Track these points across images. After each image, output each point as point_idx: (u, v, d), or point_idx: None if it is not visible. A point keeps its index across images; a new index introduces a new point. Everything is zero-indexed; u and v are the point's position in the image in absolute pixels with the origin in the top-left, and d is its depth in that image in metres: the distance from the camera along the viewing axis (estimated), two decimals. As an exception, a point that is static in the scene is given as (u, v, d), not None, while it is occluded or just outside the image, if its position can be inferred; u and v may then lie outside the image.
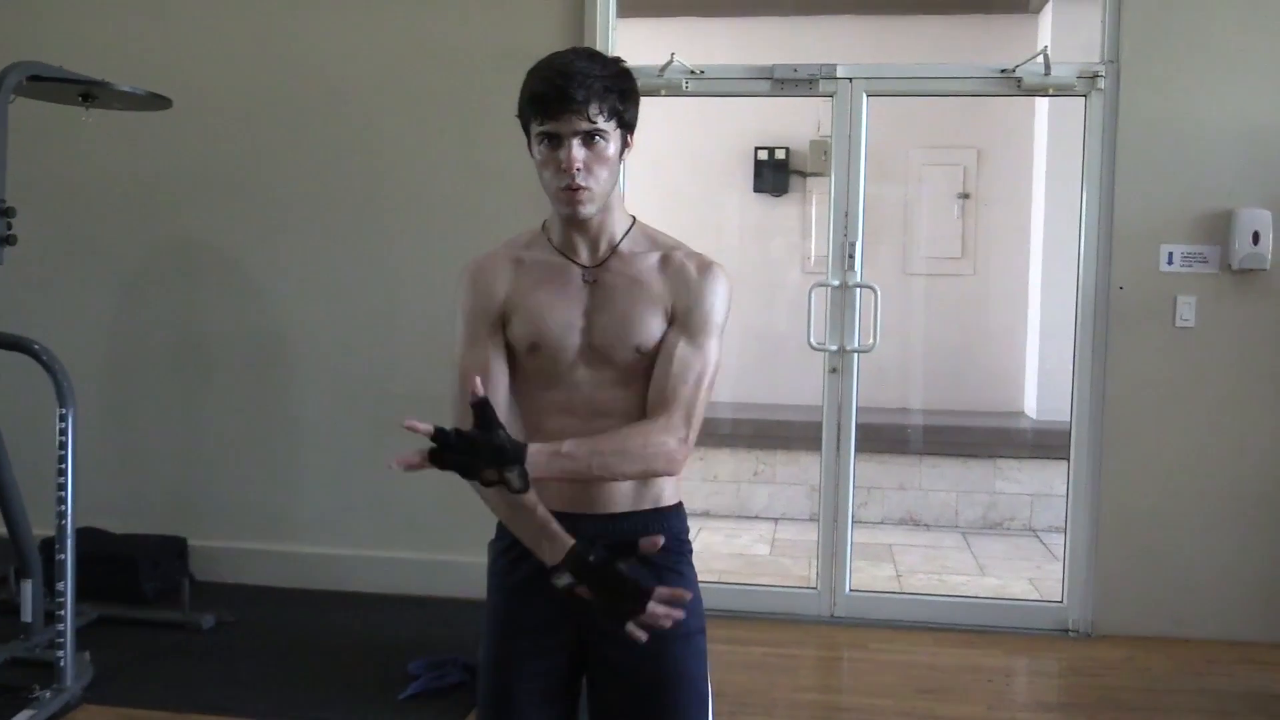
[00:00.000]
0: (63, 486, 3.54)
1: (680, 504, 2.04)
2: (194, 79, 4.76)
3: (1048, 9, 6.84)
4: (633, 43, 4.86)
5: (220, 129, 4.87)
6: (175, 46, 4.86)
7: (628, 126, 1.92)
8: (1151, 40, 4.38)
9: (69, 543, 3.54)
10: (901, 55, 6.12)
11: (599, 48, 4.53)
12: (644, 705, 1.97)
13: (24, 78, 3.77)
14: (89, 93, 3.99)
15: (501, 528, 2.07)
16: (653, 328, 1.94)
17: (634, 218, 2.02)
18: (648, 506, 1.98)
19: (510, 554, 2.03)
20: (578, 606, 1.87)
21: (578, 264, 1.96)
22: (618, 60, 1.93)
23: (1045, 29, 6.78)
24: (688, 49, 4.66)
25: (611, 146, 1.88)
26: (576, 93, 1.82)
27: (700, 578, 2.09)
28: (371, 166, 4.80)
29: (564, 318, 1.93)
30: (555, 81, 1.83)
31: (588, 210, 1.89)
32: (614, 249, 1.96)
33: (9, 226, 3.74)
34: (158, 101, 4.17)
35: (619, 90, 1.88)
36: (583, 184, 1.86)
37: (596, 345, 1.93)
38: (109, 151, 4.91)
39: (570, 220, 1.92)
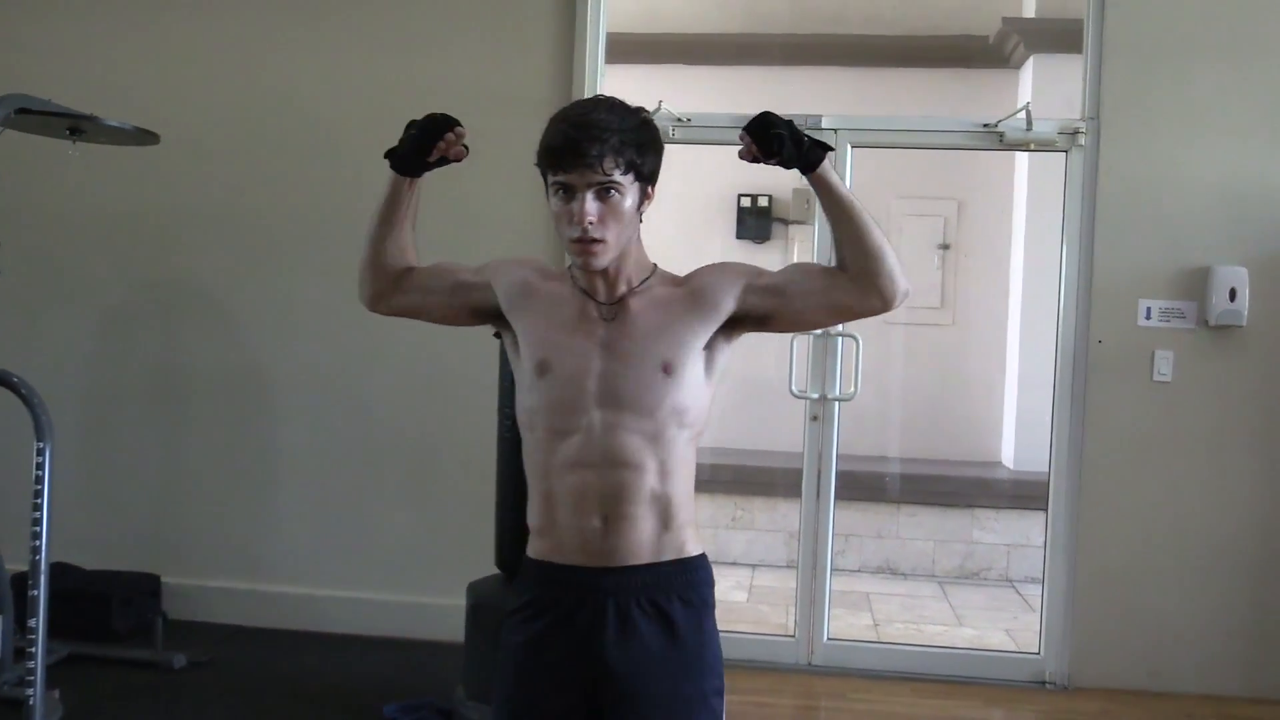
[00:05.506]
0: (38, 522, 3.49)
1: (704, 555, 1.99)
2: (182, 115, 4.77)
3: (1028, 65, 6.94)
4: (621, 89, 4.87)
5: (207, 165, 4.88)
6: (163, 83, 4.88)
7: (647, 179, 1.92)
8: (1132, 98, 4.45)
9: (43, 579, 3.49)
10: (884, 107, 6.19)
11: (586, 94, 4.58)
12: None
13: (12, 110, 3.77)
14: (77, 127, 3.99)
15: (519, 586, 2.02)
16: (685, 338, 1.93)
17: (655, 265, 2.02)
18: (669, 557, 1.93)
19: (525, 611, 1.97)
20: (594, 663, 1.89)
21: (595, 300, 1.96)
22: (639, 111, 1.92)
23: (1026, 84, 6.88)
24: (675, 97, 4.70)
25: (628, 200, 1.88)
26: (591, 147, 1.82)
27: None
28: (357, 206, 4.77)
29: (577, 344, 1.93)
30: (570, 134, 1.83)
31: (600, 263, 1.89)
32: (632, 289, 1.96)
33: (-8, 259, 3.73)
34: (145, 137, 4.18)
35: (637, 144, 1.87)
36: (595, 236, 1.86)
37: (615, 386, 1.90)
38: (95, 186, 4.90)
39: (585, 269, 1.93)
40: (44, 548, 3.50)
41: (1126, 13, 4.44)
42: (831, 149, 1.93)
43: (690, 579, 1.95)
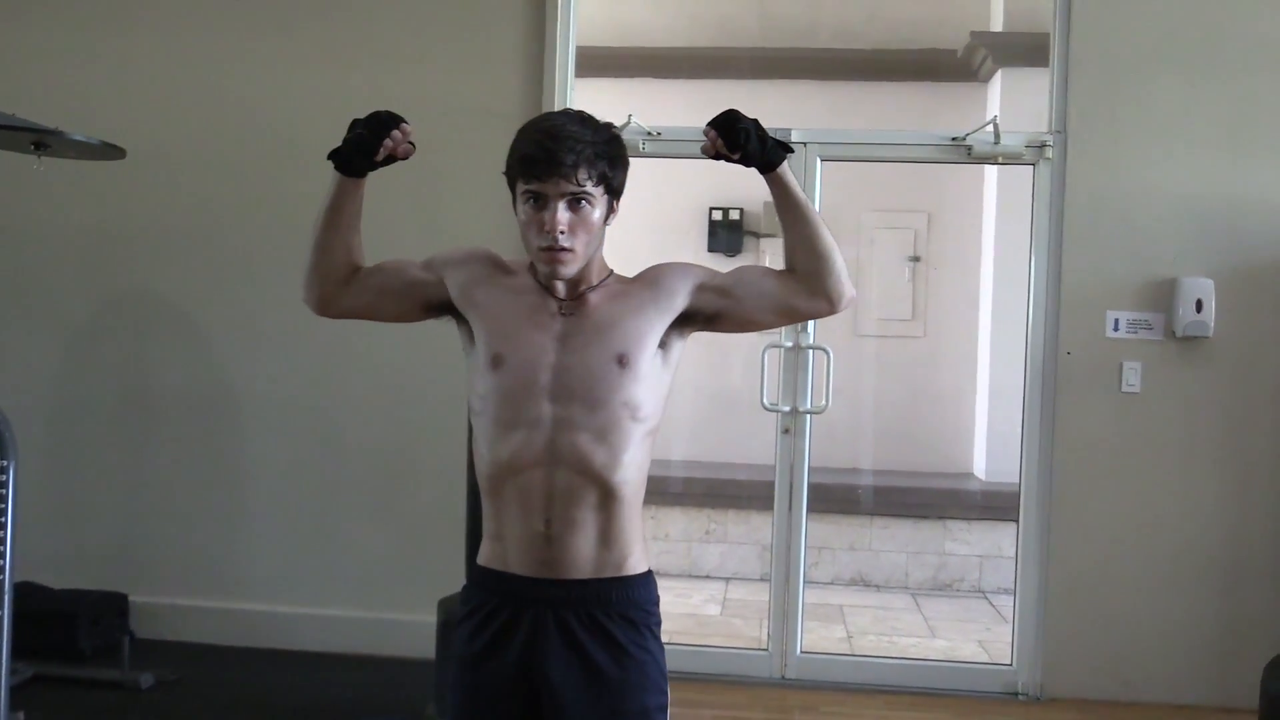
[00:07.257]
0: (2, 540, 3.45)
1: (649, 572, 1.98)
2: (149, 130, 4.73)
3: (996, 78, 7.00)
4: (591, 103, 4.88)
5: (174, 181, 4.84)
6: (130, 97, 4.84)
7: (614, 193, 1.94)
8: (1097, 112, 4.49)
9: (7, 598, 3.44)
10: (854, 120, 6.23)
11: (556, 107, 4.57)
12: None
13: (-25, 125, 3.73)
14: (42, 141, 3.94)
15: (466, 593, 2.02)
16: (643, 330, 1.94)
17: (611, 270, 2.04)
18: (610, 574, 1.92)
19: (470, 621, 1.97)
20: (534, 675, 1.88)
21: (555, 297, 1.96)
22: (609, 126, 1.95)
23: (994, 98, 6.93)
24: (645, 110, 4.71)
25: (597, 211, 1.90)
26: (566, 156, 1.84)
27: (650, 638, 2.04)
28: (327, 220, 4.78)
29: (533, 337, 1.93)
30: (545, 144, 1.85)
31: (568, 272, 1.91)
32: (591, 287, 1.97)
33: (-45, 275, 3.68)
34: (111, 151, 4.14)
35: (609, 156, 1.90)
36: (565, 245, 1.87)
37: (567, 378, 1.90)
38: (60, 201, 4.86)
39: (551, 278, 1.93)
40: (9, 567, 3.46)
41: (1092, 27, 4.49)
42: (792, 150, 1.97)
43: (632, 596, 1.94)
